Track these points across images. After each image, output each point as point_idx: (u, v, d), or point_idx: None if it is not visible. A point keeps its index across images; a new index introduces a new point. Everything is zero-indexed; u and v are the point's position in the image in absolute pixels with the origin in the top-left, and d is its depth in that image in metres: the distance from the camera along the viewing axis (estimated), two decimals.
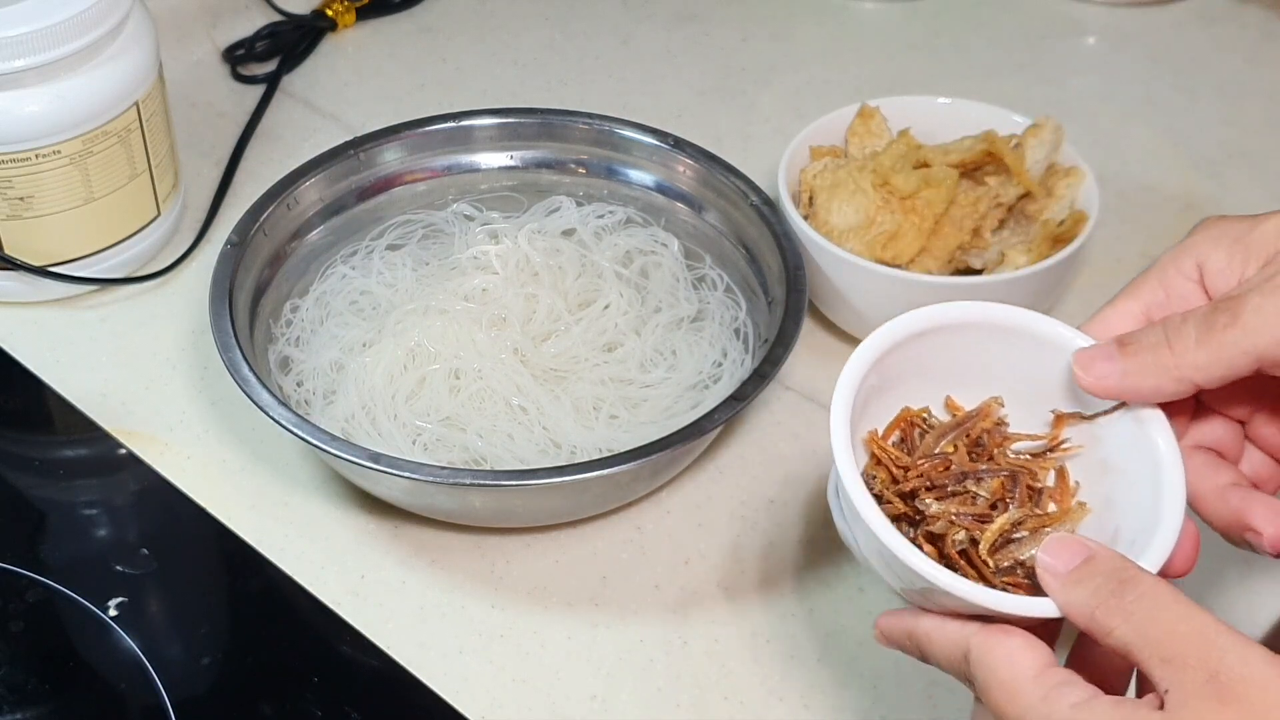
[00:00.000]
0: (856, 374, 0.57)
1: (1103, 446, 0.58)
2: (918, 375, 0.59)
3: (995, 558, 0.56)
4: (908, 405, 0.60)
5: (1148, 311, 0.57)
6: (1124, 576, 0.51)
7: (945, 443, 0.59)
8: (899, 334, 0.58)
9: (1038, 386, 0.59)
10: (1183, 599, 0.50)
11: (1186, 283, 0.57)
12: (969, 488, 0.57)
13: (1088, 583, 0.51)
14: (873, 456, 0.59)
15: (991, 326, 0.58)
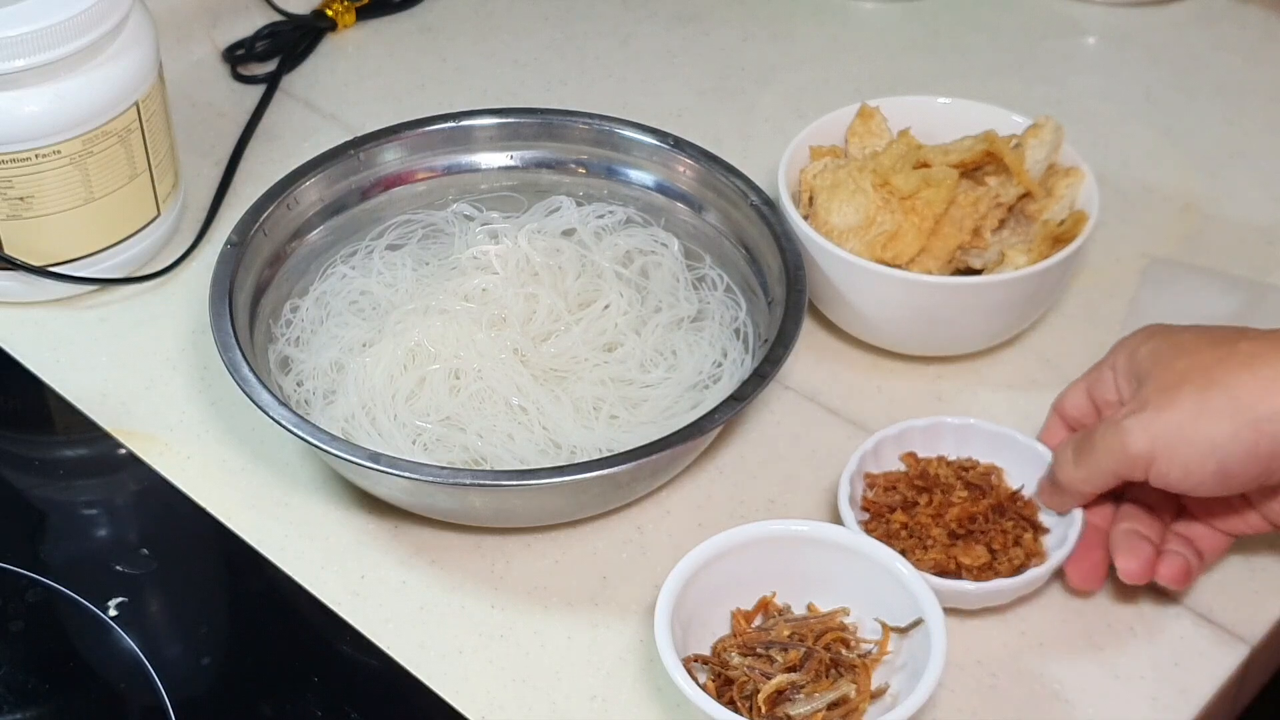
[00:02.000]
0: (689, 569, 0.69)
1: (903, 653, 0.70)
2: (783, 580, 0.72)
3: (772, 708, 0.66)
4: (767, 598, 0.72)
5: (1090, 388, 0.74)
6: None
7: (787, 631, 0.70)
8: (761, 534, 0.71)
9: (875, 598, 0.71)
10: None
11: (1109, 372, 0.73)
12: (772, 654, 0.68)
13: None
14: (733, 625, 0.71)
15: (834, 545, 0.71)
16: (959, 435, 0.77)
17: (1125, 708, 0.69)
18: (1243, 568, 0.75)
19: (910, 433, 0.77)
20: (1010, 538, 0.72)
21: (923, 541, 0.72)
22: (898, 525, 0.73)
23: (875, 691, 0.67)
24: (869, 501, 0.75)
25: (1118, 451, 0.68)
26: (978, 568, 0.71)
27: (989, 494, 0.74)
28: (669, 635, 0.66)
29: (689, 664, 0.67)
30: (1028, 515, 0.74)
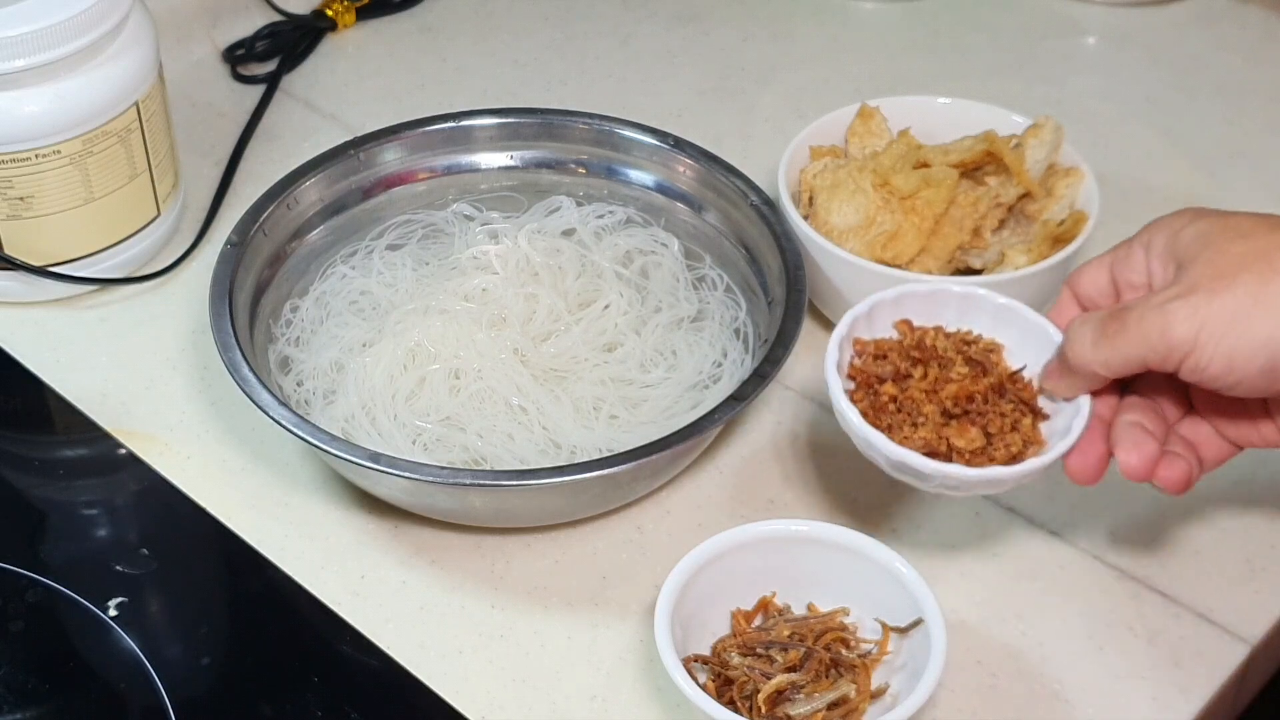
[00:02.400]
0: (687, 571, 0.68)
1: (903, 653, 0.69)
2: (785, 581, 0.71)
3: (772, 708, 0.66)
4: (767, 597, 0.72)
5: (1113, 264, 0.68)
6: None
7: (787, 631, 0.69)
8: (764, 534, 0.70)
9: (875, 598, 0.70)
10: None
11: (1140, 249, 0.67)
12: (772, 654, 0.68)
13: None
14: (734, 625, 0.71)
15: (835, 545, 0.70)
16: (962, 305, 0.71)
17: (1125, 708, 0.69)
18: (1243, 568, 0.75)
19: (909, 298, 0.71)
20: (1008, 422, 0.68)
21: (913, 418, 0.68)
22: (886, 398, 0.68)
23: (875, 691, 0.67)
24: (856, 369, 0.70)
25: (1155, 336, 0.62)
26: (971, 452, 0.67)
27: (990, 372, 0.69)
28: (669, 635, 0.66)
29: (689, 664, 0.67)
30: (1027, 399, 0.69)
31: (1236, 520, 0.77)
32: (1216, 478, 0.79)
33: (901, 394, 0.68)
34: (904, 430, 0.67)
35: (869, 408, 0.68)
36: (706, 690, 0.66)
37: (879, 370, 0.69)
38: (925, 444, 0.67)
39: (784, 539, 0.70)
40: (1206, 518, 0.77)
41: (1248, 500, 0.78)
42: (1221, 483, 0.78)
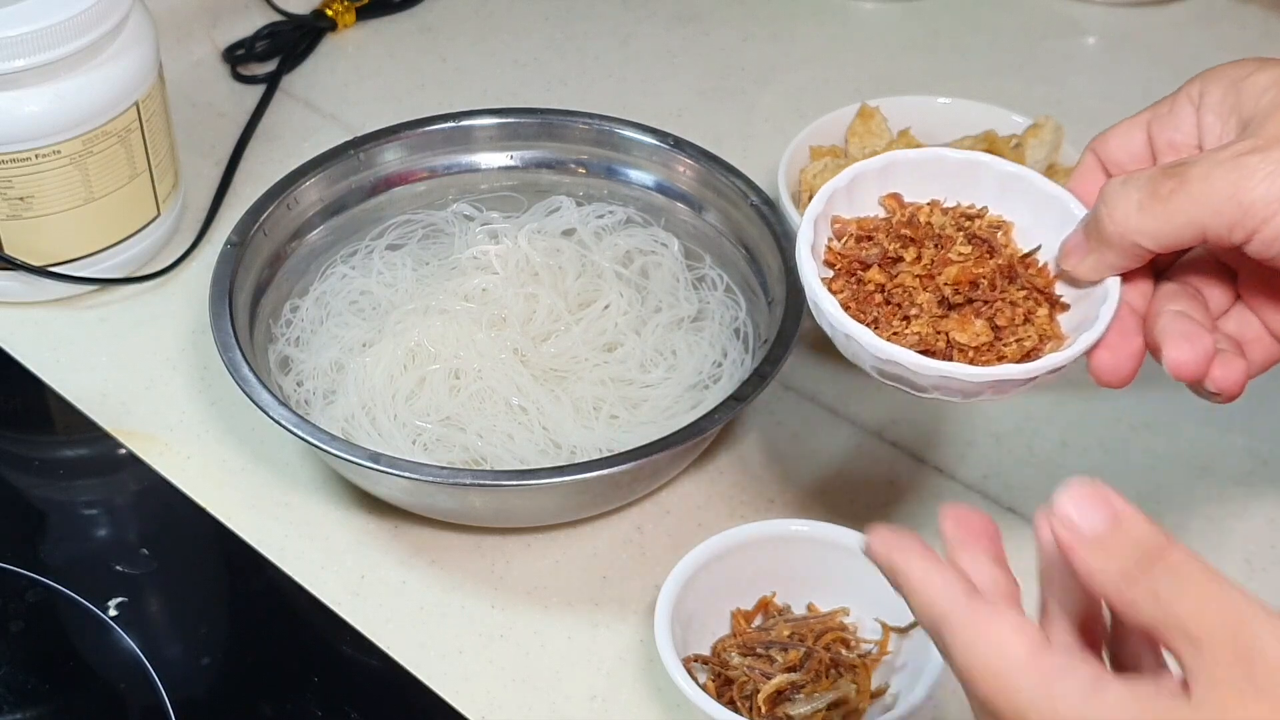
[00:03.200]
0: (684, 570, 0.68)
1: (903, 653, 0.68)
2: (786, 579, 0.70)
3: (772, 708, 0.65)
4: (767, 596, 0.71)
5: (1150, 123, 0.58)
6: (1155, 548, 0.46)
7: (787, 631, 0.68)
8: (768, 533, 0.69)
9: (875, 598, 0.67)
10: (1215, 575, 0.46)
11: (1188, 104, 0.57)
12: (772, 654, 0.67)
13: (1115, 553, 0.46)
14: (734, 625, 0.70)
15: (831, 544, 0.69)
16: (961, 176, 0.61)
17: None
18: (1243, 568, 0.75)
19: (897, 168, 0.61)
20: (1020, 312, 0.57)
21: (904, 310, 0.57)
22: (872, 287, 0.58)
23: (875, 691, 0.67)
24: (835, 254, 0.60)
25: (1223, 196, 0.52)
26: (975, 348, 0.57)
27: (998, 253, 0.58)
28: (669, 635, 0.66)
29: (689, 664, 0.67)
30: (1043, 286, 0.58)
31: (1237, 520, 0.77)
32: (1217, 477, 0.79)
33: (890, 282, 0.58)
34: (894, 325, 0.57)
35: (851, 299, 0.58)
36: (706, 690, 0.66)
37: (863, 254, 0.59)
38: (920, 340, 0.57)
39: (784, 539, 0.70)
40: (1207, 517, 0.77)
41: (1248, 500, 0.78)
42: (1221, 482, 0.78)
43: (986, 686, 0.47)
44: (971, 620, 0.47)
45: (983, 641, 0.47)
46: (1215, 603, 0.45)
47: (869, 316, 0.58)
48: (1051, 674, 0.46)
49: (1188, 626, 0.44)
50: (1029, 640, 0.47)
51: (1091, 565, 0.46)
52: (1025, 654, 0.46)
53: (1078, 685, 0.45)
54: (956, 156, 0.61)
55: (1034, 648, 0.46)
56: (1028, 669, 0.46)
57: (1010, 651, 0.46)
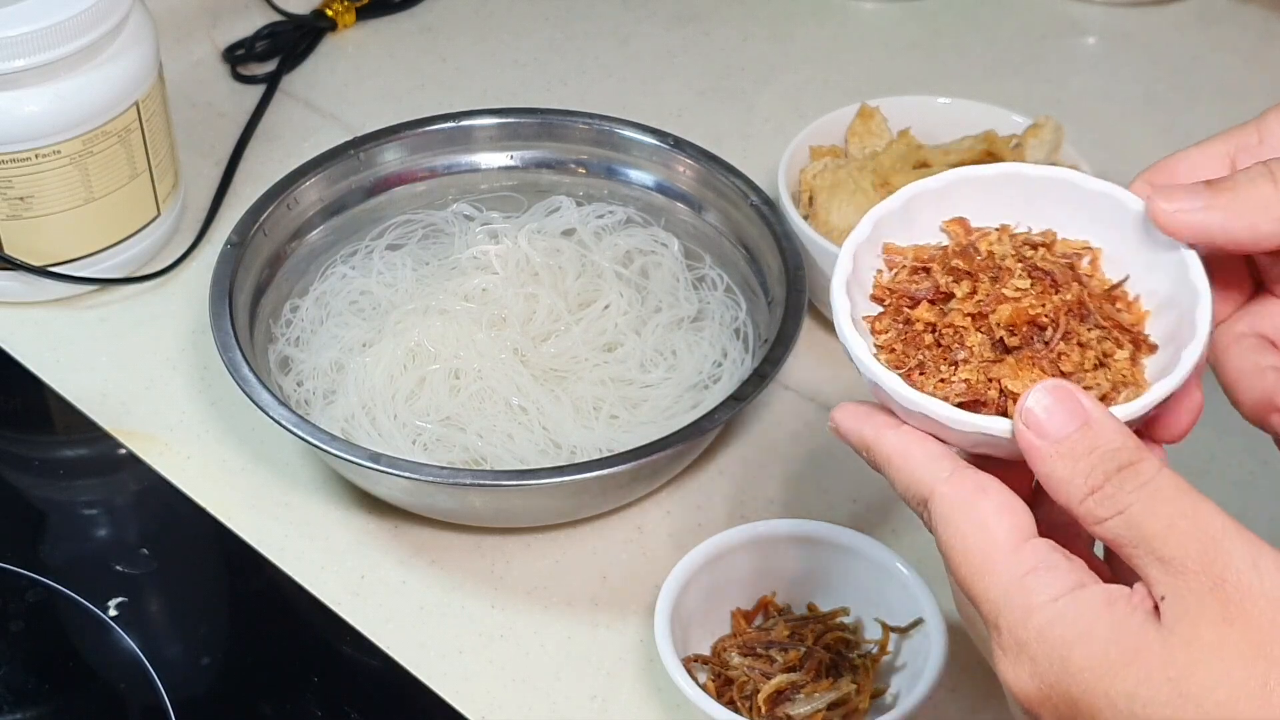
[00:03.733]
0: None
1: (903, 653, 0.68)
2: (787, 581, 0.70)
3: (772, 709, 0.65)
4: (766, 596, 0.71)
5: (1235, 154, 0.51)
6: (1126, 460, 0.44)
7: (787, 631, 0.68)
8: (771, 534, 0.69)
9: (875, 598, 0.69)
10: (1189, 491, 0.43)
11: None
12: (772, 654, 0.67)
13: (1081, 460, 0.44)
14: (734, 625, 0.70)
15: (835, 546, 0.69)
16: (1040, 196, 0.53)
17: None
18: None
19: (964, 187, 0.53)
20: (1092, 355, 0.49)
21: (952, 353, 0.50)
22: (921, 327, 0.51)
23: (875, 691, 0.67)
24: (884, 288, 0.52)
25: None
26: None
27: (1065, 287, 0.50)
28: (669, 635, 0.66)
29: (689, 664, 0.67)
30: (1129, 324, 0.50)
31: (1236, 519, 0.77)
32: (1217, 478, 0.79)
33: (941, 321, 0.50)
34: (941, 370, 0.50)
35: (898, 340, 0.51)
36: (706, 690, 0.66)
37: (912, 289, 0.52)
38: (969, 389, 0.49)
39: (784, 539, 0.70)
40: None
41: (1248, 501, 0.78)
42: (1222, 484, 0.78)
43: (965, 568, 0.45)
44: (956, 493, 0.46)
45: (966, 519, 0.45)
46: (1187, 522, 0.43)
47: (913, 360, 0.50)
48: (1030, 566, 0.44)
49: (1157, 547, 0.43)
50: (1012, 526, 0.45)
51: (1055, 472, 0.44)
52: (1007, 539, 0.45)
53: (1053, 583, 0.44)
54: (1034, 173, 0.53)
55: (1017, 534, 0.45)
56: (1007, 556, 0.44)
57: (992, 534, 0.45)
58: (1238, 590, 0.42)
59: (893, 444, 0.47)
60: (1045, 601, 0.44)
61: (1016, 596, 0.44)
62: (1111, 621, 0.43)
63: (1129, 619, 0.43)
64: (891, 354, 0.51)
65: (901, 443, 0.47)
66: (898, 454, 0.47)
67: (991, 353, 0.49)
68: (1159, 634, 0.42)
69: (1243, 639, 0.41)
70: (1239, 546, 0.43)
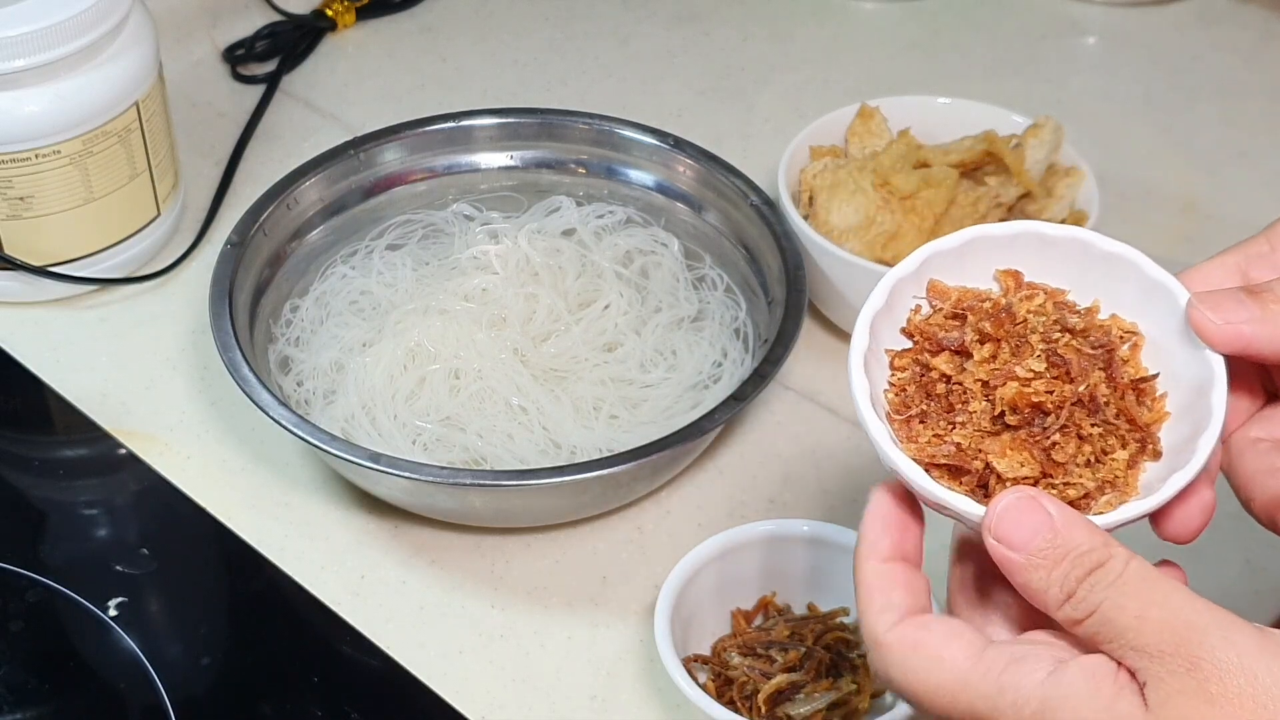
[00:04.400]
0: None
1: None
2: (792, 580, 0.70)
3: (772, 709, 0.65)
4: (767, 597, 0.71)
5: (1246, 265, 0.51)
6: (1094, 562, 0.45)
7: (787, 631, 0.69)
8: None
9: None
10: (1158, 579, 0.44)
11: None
12: (772, 654, 0.67)
13: (1055, 569, 0.45)
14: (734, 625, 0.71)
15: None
16: (1103, 267, 0.51)
17: None
18: (1243, 568, 0.75)
19: (1028, 241, 0.51)
20: (1090, 451, 0.48)
21: (951, 413, 0.49)
22: (936, 375, 0.50)
23: (875, 691, 0.67)
24: (919, 325, 0.52)
25: None
26: (1014, 480, 0.48)
27: (1082, 377, 0.49)
28: (669, 635, 0.66)
29: (689, 664, 0.67)
30: (1146, 423, 0.49)
31: (1236, 521, 0.77)
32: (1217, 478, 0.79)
33: (957, 375, 0.50)
34: (937, 425, 0.49)
35: (912, 381, 0.51)
36: (706, 690, 0.66)
37: (943, 336, 0.51)
38: (957, 452, 0.49)
39: (784, 539, 0.70)
40: None
41: None
42: (1221, 483, 0.78)
43: (935, 702, 0.46)
44: (899, 644, 0.46)
45: (917, 660, 0.46)
46: (1157, 610, 0.44)
47: (917, 408, 0.50)
48: (1001, 666, 0.45)
49: (1130, 639, 0.44)
50: (966, 646, 0.46)
51: (1031, 583, 0.45)
52: (966, 658, 0.45)
53: (1034, 669, 0.44)
54: (1104, 246, 0.51)
55: (973, 651, 0.45)
56: (974, 672, 0.45)
57: (951, 661, 0.45)
58: (1215, 668, 0.42)
59: (862, 575, 0.48)
60: (1032, 688, 0.44)
61: (1001, 698, 0.44)
62: (1100, 701, 0.44)
63: (1117, 702, 0.44)
64: (902, 394, 0.50)
65: (869, 579, 0.48)
66: (864, 588, 0.48)
67: (990, 424, 0.49)
68: (1149, 716, 0.43)
69: (1227, 717, 0.42)
70: (1211, 625, 0.43)
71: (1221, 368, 0.49)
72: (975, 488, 0.48)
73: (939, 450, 0.49)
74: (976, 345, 0.50)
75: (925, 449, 0.49)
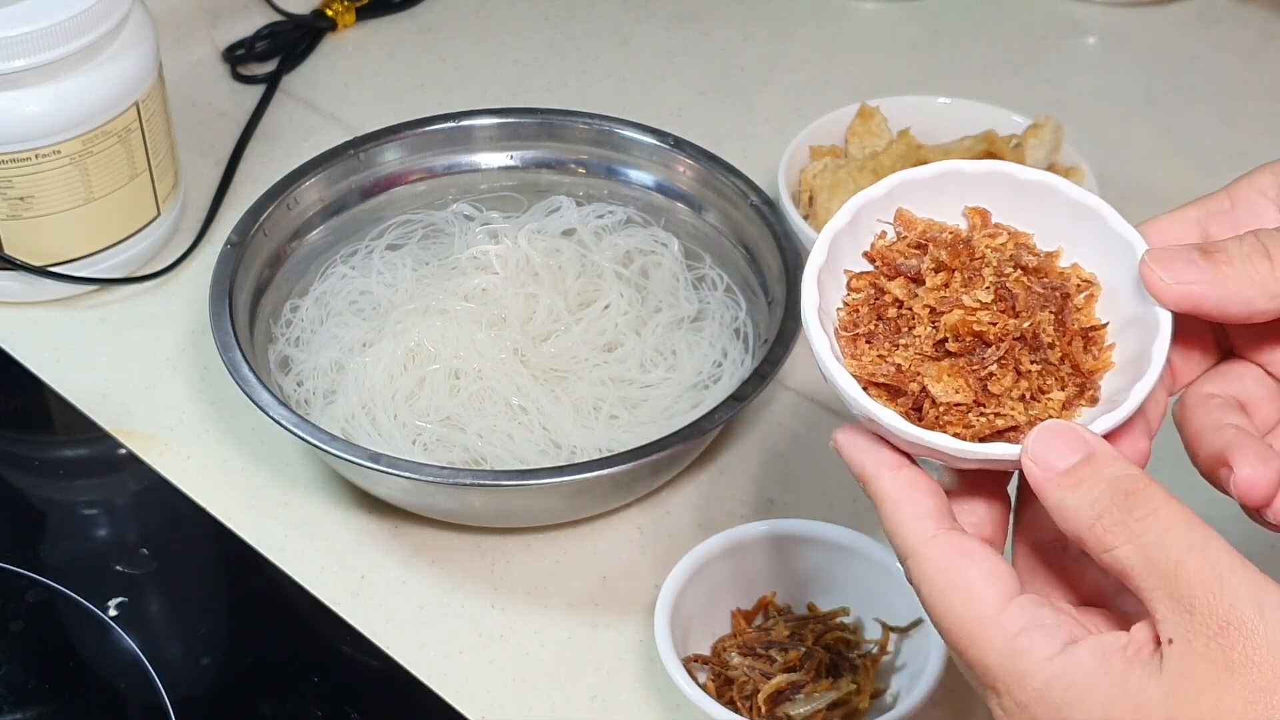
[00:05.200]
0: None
1: (903, 653, 0.69)
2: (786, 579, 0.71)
3: (772, 709, 0.65)
4: (767, 596, 0.71)
5: (1205, 220, 0.51)
6: (1131, 487, 0.44)
7: (787, 631, 0.69)
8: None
9: (875, 598, 0.69)
10: (1197, 522, 0.43)
11: (1259, 197, 0.51)
12: (772, 654, 0.67)
13: (1088, 487, 0.44)
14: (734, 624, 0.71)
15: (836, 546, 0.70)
16: (1071, 217, 0.52)
17: None
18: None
19: (997, 181, 0.52)
20: (1025, 387, 0.49)
21: (898, 335, 0.50)
22: (889, 299, 0.51)
23: (875, 691, 0.67)
24: (880, 250, 0.52)
25: None
26: (947, 405, 0.48)
27: (1028, 313, 0.49)
28: (669, 635, 0.66)
29: (689, 664, 0.67)
30: (1089, 369, 0.50)
31: (1236, 521, 0.77)
32: None
33: (909, 300, 0.51)
34: (882, 346, 0.50)
35: (864, 304, 0.51)
36: (706, 690, 0.66)
37: (901, 262, 0.51)
38: (897, 373, 0.49)
39: (784, 539, 0.70)
40: (1206, 518, 0.77)
41: None
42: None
43: (954, 635, 0.46)
44: (940, 561, 0.46)
45: (952, 586, 0.45)
46: (1199, 556, 0.43)
47: (865, 327, 0.51)
48: (1019, 627, 0.45)
49: (1167, 583, 0.43)
50: (999, 592, 0.45)
51: (1063, 501, 0.45)
52: (993, 607, 0.45)
53: (1046, 642, 0.44)
54: (1071, 194, 0.52)
55: (1003, 600, 0.45)
56: (995, 624, 0.45)
57: (979, 604, 0.45)
58: (1241, 635, 0.42)
59: (887, 488, 0.48)
60: (1042, 661, 0.44)
61: (1011, 661, 0.44)
62: (1110, 678, 0.43)
63: (1128, 675, 0.43)
64: (854, 314, 0.51)
65: (895, 489, 0.48)
66: (890, 500, 0.48)
67: (932, 349, 0.50)
68: (1160, 688, 0.43)
69: (1244, 688, 0.41)
70: (1245, 587, 0.42)
71: (1168, 322, 0.49)
72: (910, 409, 0.49)
73: (879, 369, 0.49)
74: (931, 273, 0.51)
75: (866, 367, 0.49)
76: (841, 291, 0.52)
